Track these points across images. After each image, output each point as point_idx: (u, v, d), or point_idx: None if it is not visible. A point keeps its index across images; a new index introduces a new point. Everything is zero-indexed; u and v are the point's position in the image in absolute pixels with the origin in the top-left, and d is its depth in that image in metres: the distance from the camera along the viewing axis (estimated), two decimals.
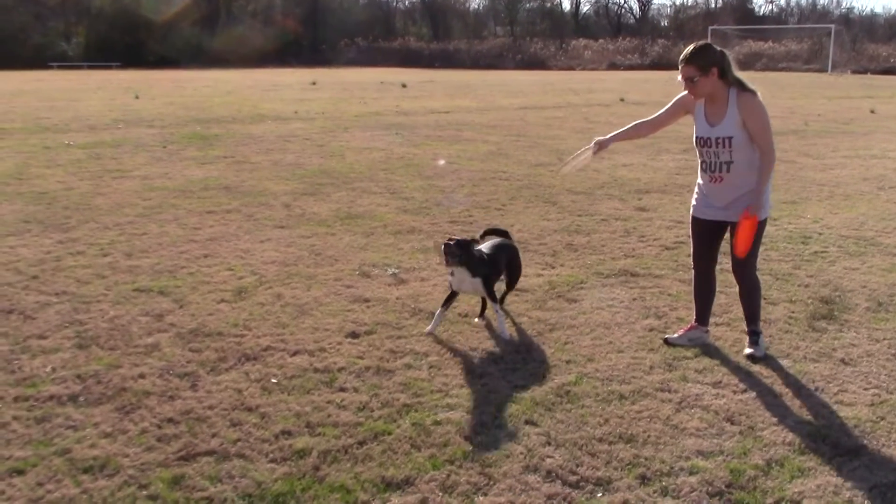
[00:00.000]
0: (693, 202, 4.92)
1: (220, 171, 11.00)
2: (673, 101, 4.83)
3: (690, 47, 4.63)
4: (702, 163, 4.74)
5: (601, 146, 4.95)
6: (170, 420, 3.93)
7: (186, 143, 13.79)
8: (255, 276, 6.27)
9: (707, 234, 4.88)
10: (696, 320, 5.05)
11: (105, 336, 4.99)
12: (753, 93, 4.58)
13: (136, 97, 23.74)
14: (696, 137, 4.70)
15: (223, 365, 4.59)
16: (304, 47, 58.82)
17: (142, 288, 5.93)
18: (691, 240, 5.00)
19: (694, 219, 4.90)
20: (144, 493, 3.33)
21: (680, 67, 4.57)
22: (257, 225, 7.95)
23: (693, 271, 5.06)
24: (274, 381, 4.38)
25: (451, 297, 5.20)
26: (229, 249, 7.02)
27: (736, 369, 4.61)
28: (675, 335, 5.02)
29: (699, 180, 4.86)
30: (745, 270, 4.82)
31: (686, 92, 4.65)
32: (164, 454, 3.62)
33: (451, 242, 4.97)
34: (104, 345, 4.85)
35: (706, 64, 4.51)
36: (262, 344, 4.89)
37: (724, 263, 5.28)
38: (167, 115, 18.42)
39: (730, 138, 4.56)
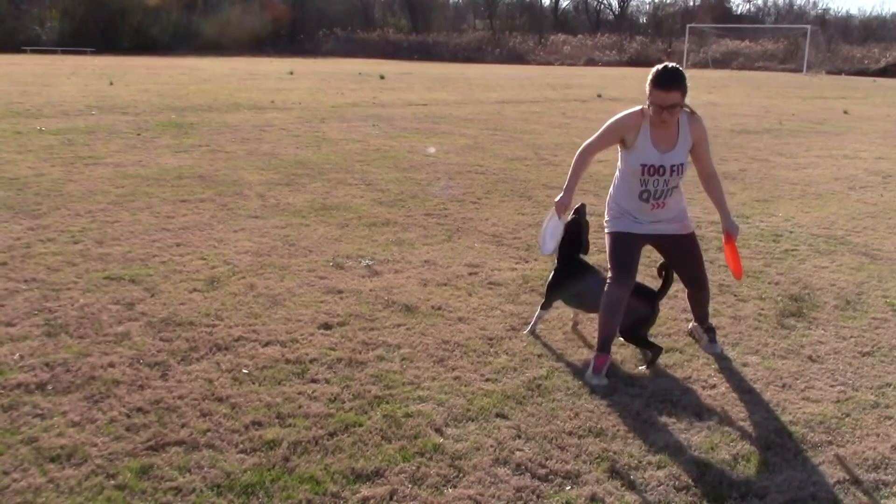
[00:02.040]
0: (616, 219, 4.48)
1: (194, 160, 10.92)
2: (609, 128, 4.33)
3: (672, 70, 4.19)
4: (642, 192, 4.33)
5: (564, 207, 4.42)
6: (139, 409, 3.91)
7: (161, 131, 13.68)
8: (227, 265, 6.24)
9: (639, 248, 4.53)
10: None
11: (74, 324, 4.94)
12: (698, 115, 4.40)
13: (111, 83, 23.50)
14: (644, 166, 4.25)
15: (194, 355, 4.57)
16: (283, 37, 58.45)
17: (113, 276, 5.89)
18: (617, 255, 4.44)
19: (626, 234, 4.46)
20: (112, 482, 3.31)
21: (661, 93, 4.10)
22: (231, 214, 7.90)
23: (615, 287, 4.41)
24: (245, 371, 4.37)
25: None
26: (202, 239, 6.98)
27: (705, 365, 4.65)
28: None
29: (622, 203, 4.44)
30: (705, 276, 4.81)
31: (625, 118, 4.27)
32: (132, 444, 3.60)
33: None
34: (73, 333, 4.81)
35: (686, 89, 4.18)
36: (234, 334, 4.87)
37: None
38: (142, 102, 18.25)
39: (682, 165, 4.31)
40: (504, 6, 74.65)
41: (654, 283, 4.78)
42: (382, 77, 30.26)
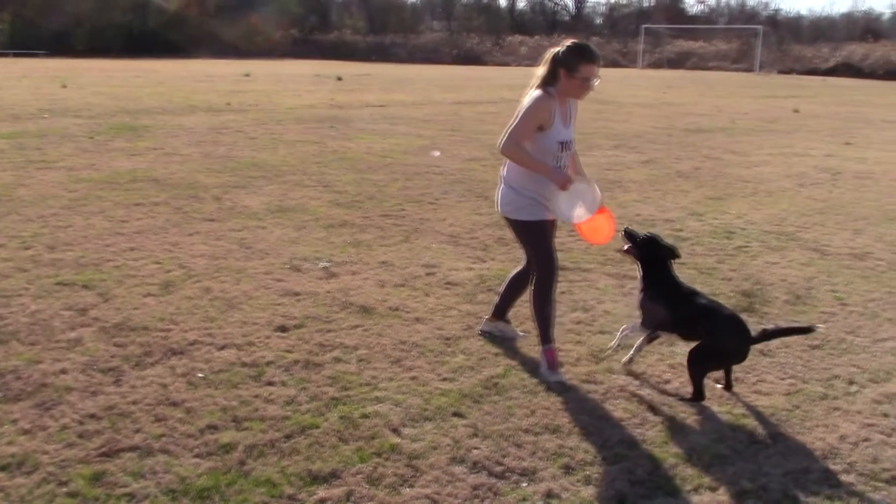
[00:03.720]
0: (532, 208, 4.47)
1: (148, 163, 10.79)
2: (532, 117, 4.34)
3: (591, 45, 4.44)
4: (556, 168, 4.42)
5: (567, 179, 4.36)
6: (92, 416, 3.86)
7: (115, 134, 13.49)
8: (182, 269, 6.18)
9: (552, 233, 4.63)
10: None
11: (25, 331, 4.86)
12: None
13: (64, 86, 23.12)
14: (560, 143, 4.40)
15: (148, 359, 4.52)
16: (239, 39, 57.90)
17: (65, 282, 5.80)
18: (542, 244, 4.53)
19: (543, 222, 4.51)
20: (64, 490, 3.27)
21: (594, 67, 4.33)
22: (186, 218, 7.83)
23: (551, 274, 4.53)
24: (200, 375, 4.34)
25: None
26: (157, 242, 6.90)
27: (659, 361, 4.71)
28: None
29: (533, 188, 4.43)
30: None
31: (542, 103, 4.33)
32: (85, 450, 3.56)
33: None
34: (24, 340, 4.73)
35: None
36: (189, 338, 4.83)
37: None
38: (95, 105, 17.99)
39: (574, 140, 4.53)
40: (461, 7, 74.78)
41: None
42: (340, 78, 30.15)
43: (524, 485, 3.42)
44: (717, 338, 4.19)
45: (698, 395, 4.20)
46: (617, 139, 14.88)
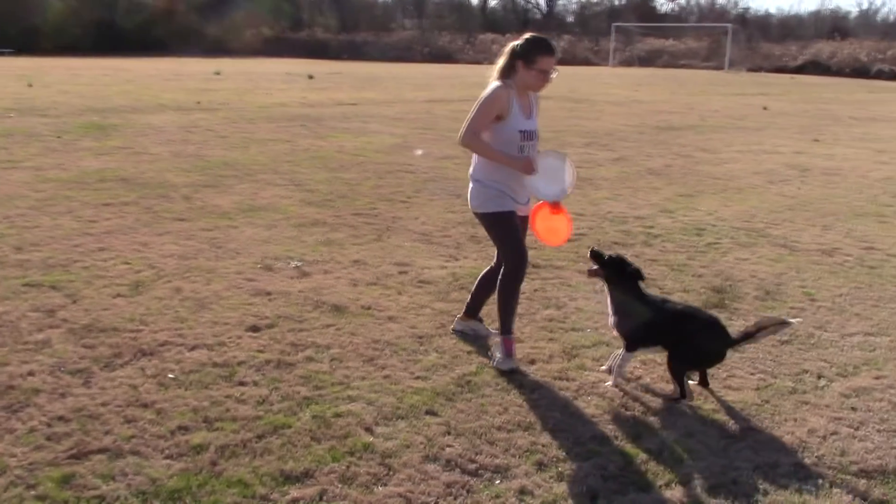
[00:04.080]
0: (498, 199, 4.51)
1: (117, 163, 10.68)
2: (487, 108, 4.40)
3: (546, 38, 4.48)
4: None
5: (529, 163, 4.42)
6: (60, 418, 3.82)
7: (82, 133, 13.34)
8: (152, 269, 6.12)
9: (523, 229, 4.65)
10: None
11: None
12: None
13: (30, 85, 22.80)
14: (521, 132, 4.44)
15: (118, 361, 4.47)
16: (209, 37, 57.41)
17: (32, 283, 5.72)
18: (511, 236, 4.54)
19: (511, 213, 4.54)
20: (32, 493, 3.22)
21: (551, 59, 4.40)
22: (156, 217, 7.75)
23: (520, 268, 4.55)
24: (171, 376, 4.30)
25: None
26: (126, 243, 6.83)
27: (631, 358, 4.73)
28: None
29: (500, 180, 4.48)
30: None
31: (497, 93, 4.39)
32: (53, 453, 3.51)
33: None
34: None
35: None
36: (160, 339, 4.79)
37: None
38: (62, 103, 17.76)
39: (537, 132, 4.57)
40: (433, 5, 74.69)
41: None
42: (311, 77, 30.01)
43: (497, 482, 3.43)
44: (698, 341, 4.21)
45: (682, 394, 4.20)
46: (588, 137, 14.95)
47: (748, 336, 4.25)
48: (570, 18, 75.71)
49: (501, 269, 4.60)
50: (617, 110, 20.59)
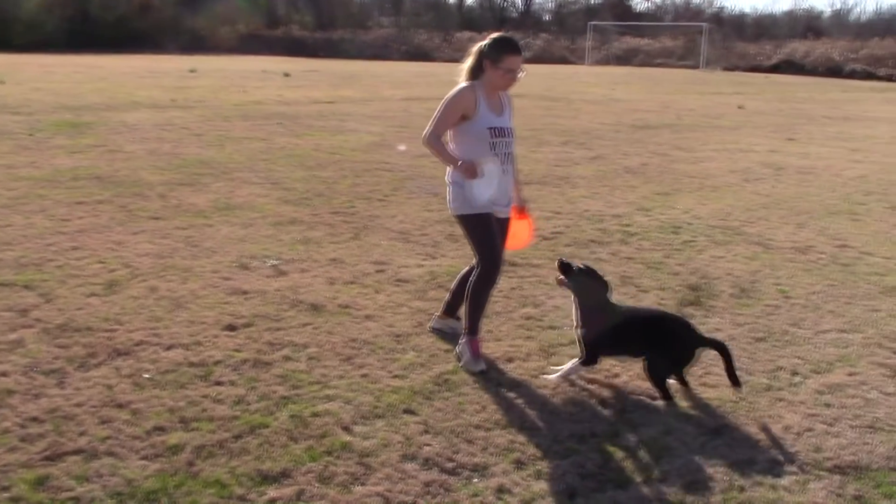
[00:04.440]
0: (470, 200, 4.46)
1: (91, 161, 10.57)
2: (450, 109, 4.42)
3: (512, 38, 4.50)
4: (493, 156, 4.43)
5: (472, 166, 4.33)
6: (34, 419, 3.77)
7: (55, 131, 13.19)
8: (127, 268, 6.07)
9: (498, 230, 4.60)
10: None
11: None
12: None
13: (2, 82, 22.54)
14: (490, 128, 4.42)
15: (93, 361, 4.43)
16: (184, 34, 56.96)
17: (5, 282, 5.65)
18: (485, 238, 4.52)
19: (487, 216, 4.50)
20: (6, 495, 3.18)
21: (517, 58, 4.40)
22: (131, 216, 7.69)
23: (494, 271, 4.55)
24: (147, 376, 4.26)
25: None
26: (101, 241, 6.77)
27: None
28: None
29: (470, 183, 4.40)
30: None
31: (461, 93, 4.41)
32: (27, 454, 3.47)
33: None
34: None
35: None
36: (135, 338, 4.75)
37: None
38: (35, 101, 17.56)
39: (511, 129, 4.56)
40: (410, 3, 74.59)
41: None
42: (287, 75, 29.87)
43: (475, 480, 3.43)
44: (669, 347, 4.23)
45: (666, 397, 4.21)
46: (565, 135, 14.99)
47: (715, 345, 4.32)
48: (547, 17, 75.90)
49: (476, 271, 4.59)
50: (594, 109, 20.66)
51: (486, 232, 4.52)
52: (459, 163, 4.34)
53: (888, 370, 4.68)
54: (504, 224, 4.68)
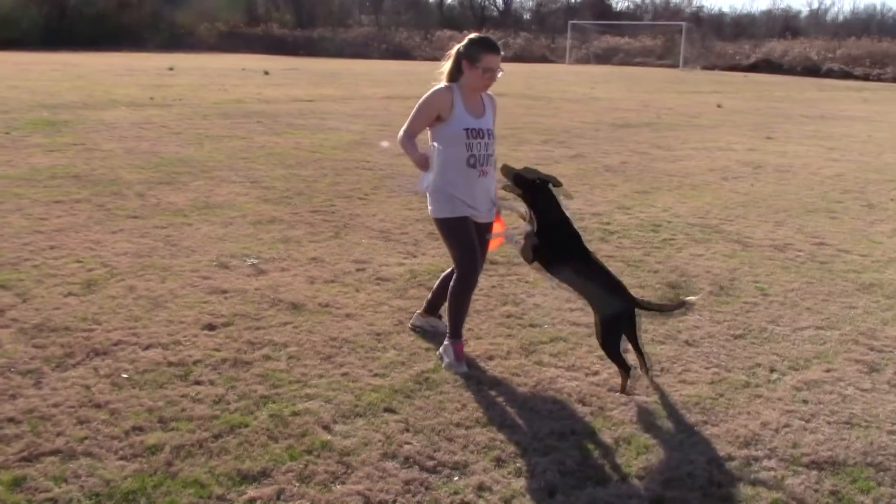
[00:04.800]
0: (448, 203, 4.47)
1: (69, 159, 10.49)
2: (424, 110, 4.43)
3: (489, 38, 4.49)
4: (469, 157, 4.42)
5: (425, 159, 4.47)
6: (11, 420, 3.74)
7: (32, 130, 13.07)
8: (105, 268, 6.03)
9: (476, 234, 4.57)
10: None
11: None
12: (492, 95, 4.63)
13: None
14: (467, 129, 4.39)
15: (70, 361, 4.40)
16: (162, 32, 56.57)
17: None
18: (462, 242, 4.49)
19: (464, 219, 4.49)
20: None
21: (496, 57, 4.38)
22: (109, 215, 7.63)
23: (471, 275, 4.52)
24: (125, 376, 4.24)
25: None
26: (78, 241, 6.72)
27: (588, 353, 4.77)
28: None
29: (450, 183, 4.45)
30: None
31: (435, 94, 4.43)
32: (3, 455, 3.44)
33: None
34: None
35: None
36: (113, 338, 4.71)
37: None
38: (10, 99, 17.38)
39: (493, 131, 4.55)
40: (390, 2, 74.54)
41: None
42: (267, 73, 29.75)
43: (456, 478, 3.43)
44: (602, 306, 4.26)
45: (624, 367, 4.25)
46: (546, 134, 15.02)
47: (652, 307, 4.46)
48: (527, 16, 76.04)
49: (455, 275, 4.58)
50: (574, 108, 20.72)
51: (460, 234, 4.50)
52: (417, 159, 4.43)
53: (864, 366, 4.73)
54: (485, 228, 4.67)
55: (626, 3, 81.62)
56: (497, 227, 4.75)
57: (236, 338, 4.80)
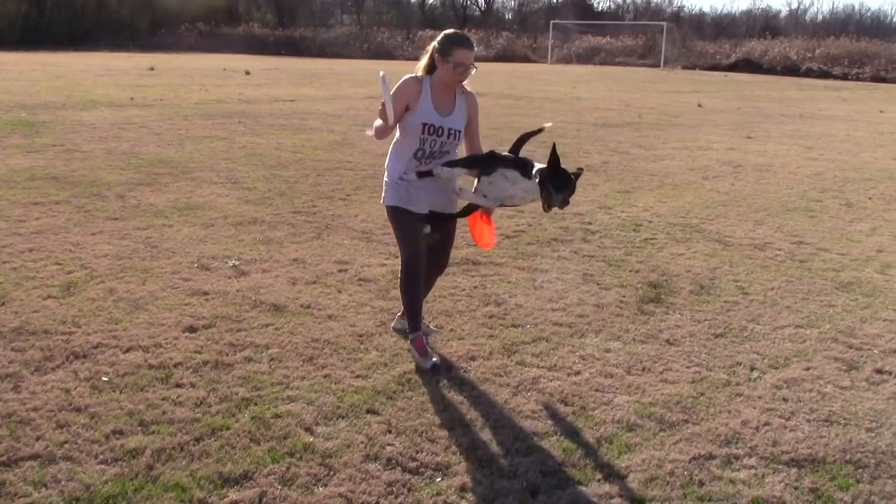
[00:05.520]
0: (393, 191, 4.53)
1: (47, 160, 10.40)
2: (395, 97, 4.37)
3: (466, 33, 4.52)
4: (417, 150, 4.45)
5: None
6: None
7: (10, 130, 12.96)
8: (85, 270, 5.98)
9: (421, 225, 4.56)
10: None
11: None
12: (472, 92, 4.64)
13: None
14: (424, 125, 4.39)
15: (49, 364, 4.36)
16: (142, 31, 56.23)
17: None
18: (404, 231, 4.54)
19: (407, 210, 4.50)
20: None
21: (468, 52, 4.36)
22: (88, 217, 7.58)
23: (413, 263, 4.52)
24: (105, 379, 4.21)
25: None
26: (57, 243, 6.66)
27: (570, 353, 4.79)
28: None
29: (396, 170, 4.52)
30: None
31: (405, 83, 4.43)
32: None
33: None
34: None
35: None
36: (93, 341, 4.68)
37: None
38: None
39: (459, 132, 4.53)
40: (371, 2, 74.47)
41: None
42: (248, 73, 29.64)
43: (438, 479, 3.43)
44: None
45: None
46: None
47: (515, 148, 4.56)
48: (509, 16, 76.16)
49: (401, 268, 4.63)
50: (555, 107, 20.77)
51: (402, 223, 4.53)
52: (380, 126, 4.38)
53: (843, 364, 4.77)
54: (445, 225, 4.67)
55: (608, 3, 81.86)
56: (488, 228, 4.74)
57: (217, 340, 4.78)
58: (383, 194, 4.61)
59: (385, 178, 4.61)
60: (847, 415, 4.14)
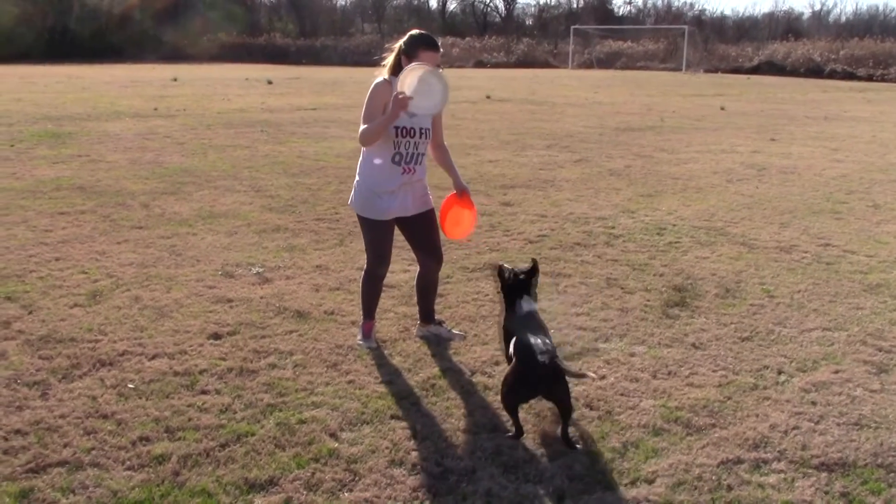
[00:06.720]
0: (366, 202, 4.60)
1: (73, 171, 10.51)
2: (373, 102, 4.42)
3: (428, 34, 4.50)
4: (394, 155, 4.47)
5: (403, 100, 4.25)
6: (17, 431, 3.74)
7: (37, 142, 13.12)
8: (111, 278, 6.03)
9: (391, 231, 4.72)
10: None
11: None
12: None
13: None
14: (397, 128, 4.41)
15: (76, 372, 4.40)
16: (165, 43, 56.76)
17: None
18: (374, 240, 4.70)
19: (380, 222, 4.62)
20: None
21: (434, 54, 4.39)
22: (114, 226, 7.64)
23: (376, 267, 4.77)
24: (131, 386, 4.23)
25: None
26: (83, 252, 6.72)
27: (594, 357, 4.76)
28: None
29: (373, 178, 4.56)
30: (441, 249, 4.96)
31: (376, 88, 4.42)
32: (10, 467, 3.44)
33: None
34: None
35: None
36: (119, 349, 4.71)
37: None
38: (15, 112, 17.46)
39: (428, 130, 4.55)
40: (392, 10, 74.78)
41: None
42: (270, 82, 29.82)
43: (464, 485, 3.42)
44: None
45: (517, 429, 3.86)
46: (549, 139, 15.02)
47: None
48: (529, 21, 76.13)
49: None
50: (577, 112, 20.72)
51: (374, 233, 4.67)
52: (395, 94, 4.25)
53: (872, 367, 4.71)
54: (423, 220, 4.72)
55: (629, 8, 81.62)
56: (467, 214, 4.78)
57: (242, 347, 4.80)
58: (352, 196, 4.68)
59: (357, 180, 4.64)
60: (878, 418, 4.08)
